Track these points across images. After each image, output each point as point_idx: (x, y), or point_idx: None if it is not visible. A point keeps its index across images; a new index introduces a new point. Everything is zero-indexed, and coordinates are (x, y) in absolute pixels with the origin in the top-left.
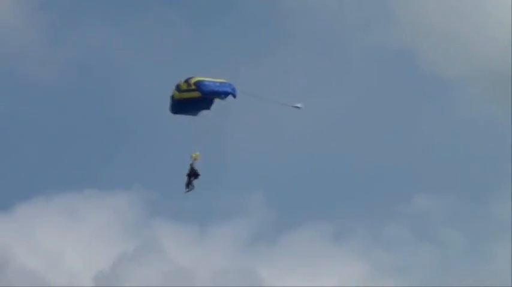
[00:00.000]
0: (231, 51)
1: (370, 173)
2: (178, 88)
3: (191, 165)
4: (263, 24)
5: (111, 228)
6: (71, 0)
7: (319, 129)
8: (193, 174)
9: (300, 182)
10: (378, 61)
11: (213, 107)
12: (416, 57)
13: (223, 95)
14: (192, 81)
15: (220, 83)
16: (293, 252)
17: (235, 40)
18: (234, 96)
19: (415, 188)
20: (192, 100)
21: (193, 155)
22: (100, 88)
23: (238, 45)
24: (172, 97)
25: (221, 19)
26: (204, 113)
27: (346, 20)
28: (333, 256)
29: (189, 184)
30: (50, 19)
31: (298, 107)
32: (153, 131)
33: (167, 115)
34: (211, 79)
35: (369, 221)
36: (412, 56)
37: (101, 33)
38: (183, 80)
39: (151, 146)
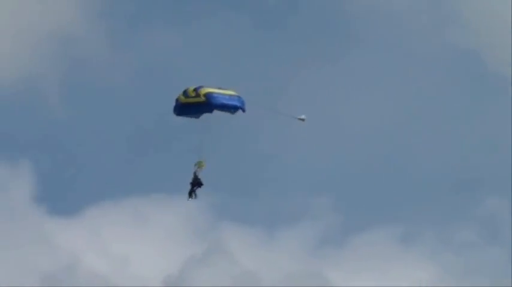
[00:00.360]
0: (295, 54)
1: (440, 175)
2: (185, 94)
3: (194, 173)
4: (329, 26)
5: (178, 232)
6: (134, 5)
7: (387, 131)
8: (196, 183)
9: (368, 185)
10: (446, 61)
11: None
12: (484, 57)
13: (232, 109)
14: (202, 92)
15: (230, 96)
16: (361, 255)
17: (300, 43)
18: (244, 110)
19: (486, 191)
20: (197, 104)
21: (198, 163)
22: (166, 92)
23: (303, 49)
24: (177, 100)
25: (285, 22)
26: (207, 115)
27: (413, 22)
28: (401, 258)
29: (191, 193)
30: (114, 25)
31: (302, 119)
32: None
33: (233, 118)
34: (221, 91)
35: (438, 223)
36: (480, 56)
37: (164, 37)
38: (192, 87)
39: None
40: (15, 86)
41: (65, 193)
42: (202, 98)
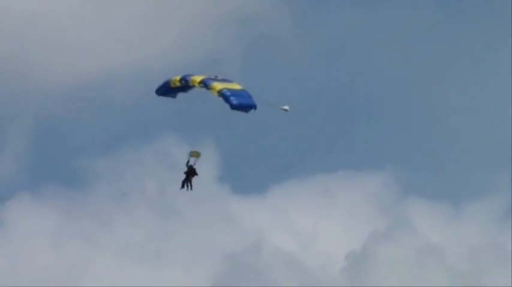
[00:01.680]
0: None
1: None
2: (185, 81)
3: (188, 162)
4: None
5: (363, 208)
6: None
7: None
8: (191, 172)
9: None
10: None
11: None
12: None
13: (249, 109)
14: (216, 88)
15: (242, 91)
16: None
17: (482, 27)
18: (255, 108)
19: None
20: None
21: (192, 153)
22: (347, 71)
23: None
24: (169, 83)
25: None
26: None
27: None
28: None
29: (186, 183)
30: (297, 3)
31: (286, 110)
32: (402, 111)
33: (411, 97)
34: (230, 87)
35: None
36: None
37: (348, 17)
38: (197, 78)
39: (402, 126)
40: (198, 65)
41: (249, 171)
42: (214, 93)
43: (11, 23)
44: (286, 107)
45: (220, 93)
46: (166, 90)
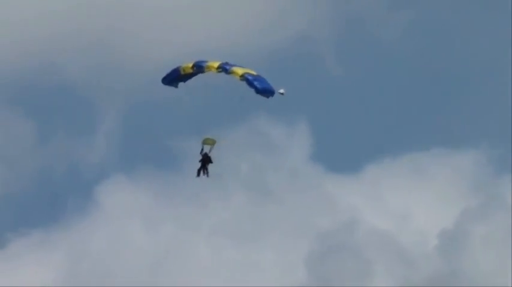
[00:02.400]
0: None
1: None
2: (198, 67)
3: (202, 150)
4: None
5: (456, 186)
6: None
7: None
8: (206, 160)
9: None
10: None
11: None
12: None
13: (271, 94)
14: (238, 72)
15: (259, 76)
16: None
17: None
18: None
19: None
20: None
21: (206, 140)
22: (440, 48)
23: None
24: (178, 70)
25: None
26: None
27: None
28: None
29: (201, 170)
30: None
31: (281, 93)
32: (498, 89)
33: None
34: (249, 71)
35: None
36: None
37: None
38: (214, 63)
39: (497, 104)
40: (291, 47)
41: (343, 150)
42: (236, 78)
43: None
44: (281, 91)
45: (244, 77)
46: (175, 77)
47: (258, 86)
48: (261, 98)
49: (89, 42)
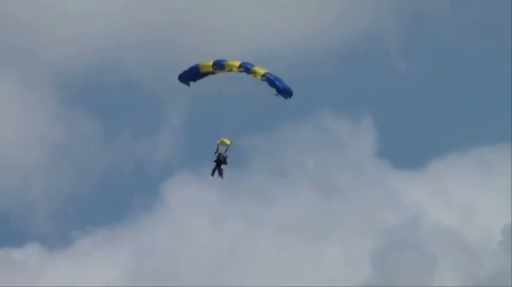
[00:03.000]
0: None
1: None
2: (219, 65)
3: (217, 151)
4: None
5: None
6: None
7: None
8: (221, 161)
9: None
10: None
11: None
12: None
13: (291, 95)
14: (260, 71)
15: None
16: None
17: None
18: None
19: None
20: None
21: (222, 141)
22: (503, 45)
23: None
24: (198, 68)
25: None
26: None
27: None
28: None
29: (215, 171)
30: None
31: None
32: None
33: None
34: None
35: None
36: None
37: None
38: (235, 62)
39: None
40: (357, 43)
41: (407, 146)
42: (258, 77)
43: None
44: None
45: (265, 77)
46: (192, 75)
47: (280, 85)
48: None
49: (154, 39)
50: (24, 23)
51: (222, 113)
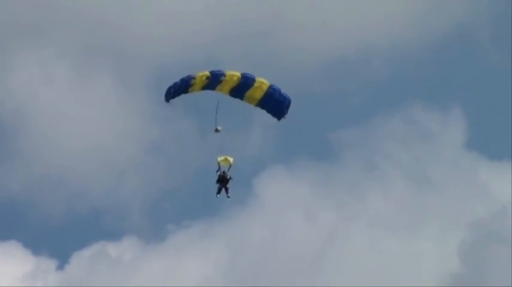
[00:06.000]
0: None
1: None
2: (215, 80)
3: (218, 170)
4: None
5: None
6: None
7: None
8: (224, 180)
9: None
10: None
11: None
12: None
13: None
14: (265, 82)
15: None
16: None
17: None
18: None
19: None
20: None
21: (226, 159)
22: None
23: None
24: (193, 85)
25: None
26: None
27: None
28: None
29: (221, 191)
30: None
31: (217, 130)
32: None
33: None
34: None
35: None
36: None
37: None
38: (234, 72)
39: None
40: (450, 35)
41: (498, 136)
42: (264, 90)
43: None
44: (219, 127)
45: (271, 88)
46: (182, 90)
47: (288, 97)
48: None
49: (249, 35)
50: (117, 22)
51: (315, 108)
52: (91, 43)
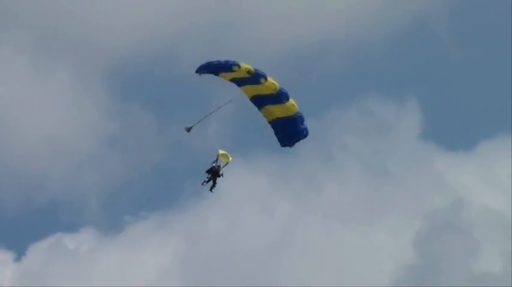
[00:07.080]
0: None
1: None
2: (252, 80)
3: (216, 161)
4: None
5: None
6: None
7: None
8: (216, 173)
9: None
10: None
11: None
12: None
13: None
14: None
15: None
16: None
17: None
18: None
19: None
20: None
21: (225, 155)
22: None
23: None
24: (231, 72)
25: None
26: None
27: None
28: None
29: (209, 182)
30: None
31: (189, 130)
32: None
33: None
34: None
35: None
36: None
37: None
38: (272, 83)
39: None
40: (406, 26)
41: (454, 127)
42: (290, 113)
43: None
44: (189, 126)
45: (298, 115)
46: (218, 70)
47: (307, 130)
48: None
49: (210, 28)
50: (76, 12)
51: None
52: (49, 34)
